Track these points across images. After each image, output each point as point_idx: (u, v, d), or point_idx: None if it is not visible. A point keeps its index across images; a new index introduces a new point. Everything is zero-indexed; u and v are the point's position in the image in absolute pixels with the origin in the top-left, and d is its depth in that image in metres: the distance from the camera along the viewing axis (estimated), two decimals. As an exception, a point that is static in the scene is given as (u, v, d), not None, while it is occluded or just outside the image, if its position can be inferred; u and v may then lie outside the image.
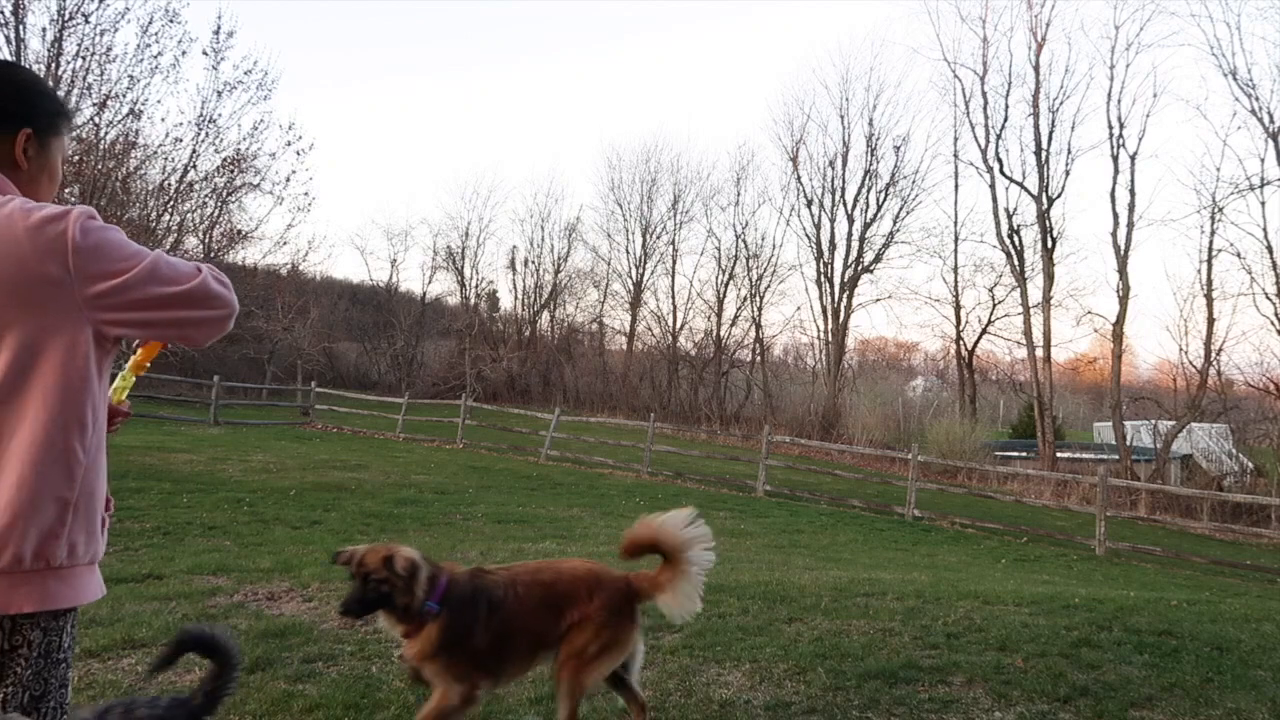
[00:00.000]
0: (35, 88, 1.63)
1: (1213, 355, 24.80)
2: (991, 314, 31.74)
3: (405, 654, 2.77)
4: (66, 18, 21.49)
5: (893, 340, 48.52)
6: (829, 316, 34.02)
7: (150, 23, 23.57)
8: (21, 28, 20.90)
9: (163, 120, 53.96)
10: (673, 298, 37.00)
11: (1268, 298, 23.86)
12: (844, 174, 34.46)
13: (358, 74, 77.10)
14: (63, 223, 1.45)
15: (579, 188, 79.90)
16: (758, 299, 35.44)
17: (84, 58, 22.03)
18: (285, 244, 31.53)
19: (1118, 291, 26.85)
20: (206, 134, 26.33)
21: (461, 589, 2.82)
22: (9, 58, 20.15)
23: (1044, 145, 28.59)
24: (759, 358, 36.05)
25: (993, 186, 30.12)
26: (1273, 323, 23.82)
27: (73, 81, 21.63)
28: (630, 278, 37.91)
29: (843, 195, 34.43)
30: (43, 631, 1.46)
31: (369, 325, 37.74)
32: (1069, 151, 28.70)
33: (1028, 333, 28.81)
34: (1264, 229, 24.24)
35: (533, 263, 38.62)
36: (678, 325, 36.73)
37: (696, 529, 3.19)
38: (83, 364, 1.48)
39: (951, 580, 7.45)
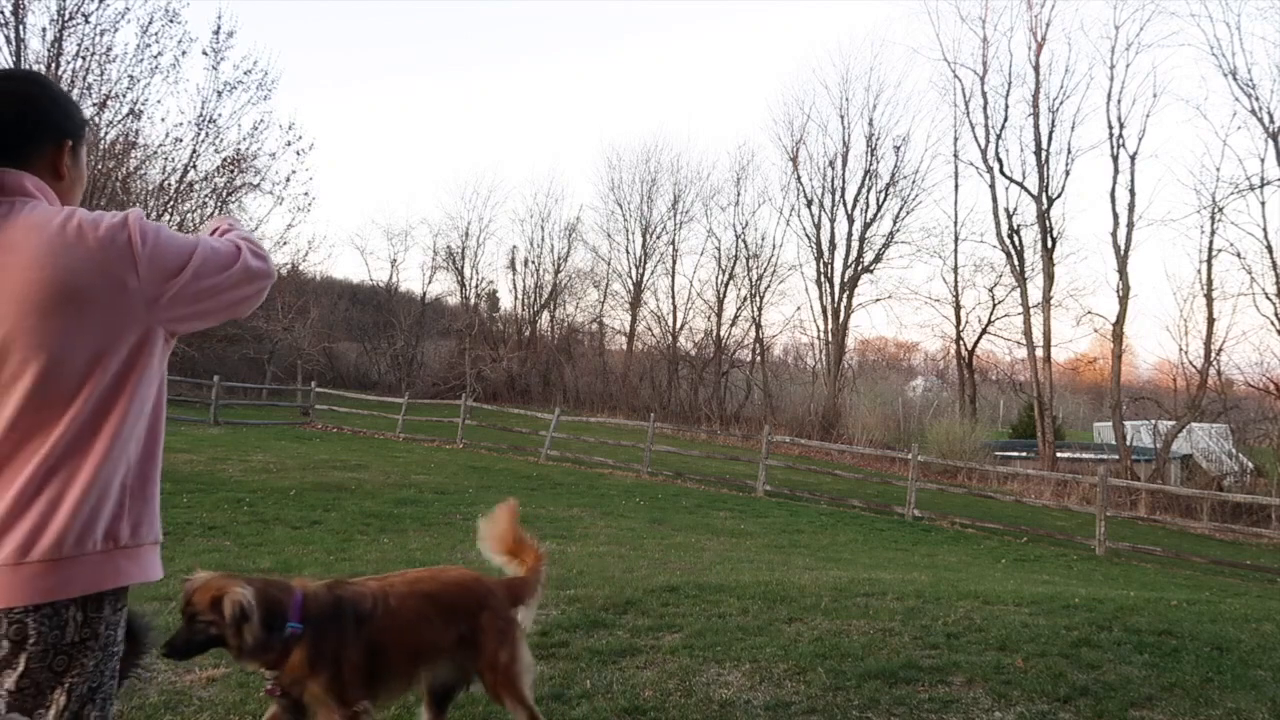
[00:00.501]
0: (69, 98, 1.67)
1: (1213, 355, 24.80)
2: (991, 314, 31.75)
3: (278, 684, 2.50)
4: (66, 18, 21.47)
5: (893, 340, 48.51)
6: (829, 316, 34.02)
7: (150, 23, 23.53)
8: (21, 28, 20.87)
9: (163, 120, 54.05)
10: (673, 298, 37.03)
11: (1268, 298, 23.87)
12: (844, 174, 34.47)
13: (358, 74, 77.15)
14: (126, 228, 1.51)
15: (579, 188, 80.00)
16: (758, 299, 35.45)
17: (84, 58, 22.01)
18: (285, 244, 31.41)
19: (1118, 291, 26.86)
20: (206, 134, 26.30)
21: (320, 603, 2.58)
22: (9, 58, 20.14)
23: (1044, 145, 28.60)
24: (759, 358, 36.04)
25: (993, 186, 30.12)
26: (1273, 323, 23.82)
27: (73, 81, 21.61)
28: (630, 278, 37.94)
29: (843, 195, 34.45)
30: (105, 625, 1.53)
31: (369, 325, 37.74)
32: (1069, 151, 28.69)
33: (1028, 333, 28.80)
34: (1264, 229, 24.24)
35: (533, 263, 38.65)
36: (678, 325, 36.75)
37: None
38: (152, 361, 1.56)
39: (951, 580, 7.45)
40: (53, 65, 21.24)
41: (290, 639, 2.47)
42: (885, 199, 34.01)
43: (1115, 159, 27.09)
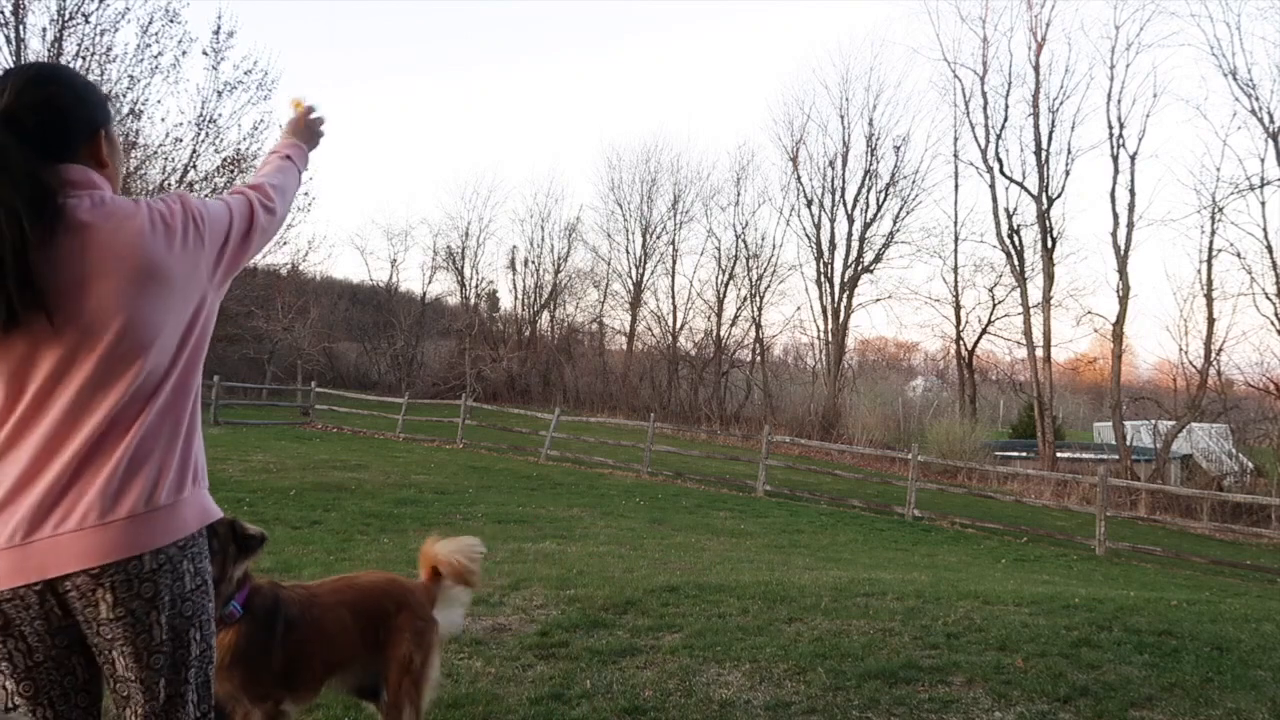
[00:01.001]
0: (89, 86, 1.70)
1: (1213, 355, 24.77)
2: (991, 314, 31.70)
3: None
4: (66, 18, 21.45)
5: (893, 340, 48.40)
6: (829, 316, 34.00)
7: (150, 23, 23.49)
8: (21, 28, 20.85)
9: (163, 120, 53.88)
10: (673, 298, 36.98)
11: (1268, 298, 23.84)
12: (844, 174, 34.42)
13: (358, 74, 77.08)
14: (189, 209, 1.65)
15: (579, 188, 79.99)
16: (758, 299, 35.42)
17: (84, 58, 21.98)
18: (285, 244, 31.29)
19: (1118, 291, 26.84)
20: (206, 134, 26.23)
21: (264, 598, 2.54)
22: (9, 58, 20.14)
23: (1044, 145, 28.55)
24: (759, 358, 36.02)
25: (993, 186, 30.07)
26: (1273, 323, 23.81)
27: (73, 81, 21.63)
28: (630, 278, 37.91)
29: (843, 195, 34.41)
30: (206, 567, 1.70)
31: (369, 325, 37.70)
32: (1069, 151, 28.61)
33: (1028, 333, 28.79)
34: (1264, 229, 24.19)
35: (533, 263, 38.61)
36: (678, 325, 36.72)
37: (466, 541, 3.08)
38: (209, 324, 1.71)
39: (951, 580, 7.45)
40: (53, 65, 21.23)
41: (227, 618, 2.40)
42: (885, 199, 34.01)
43: (1115, 159, 27.09)
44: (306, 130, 2.21)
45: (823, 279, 34.31)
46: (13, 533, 1.49)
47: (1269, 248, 23.93)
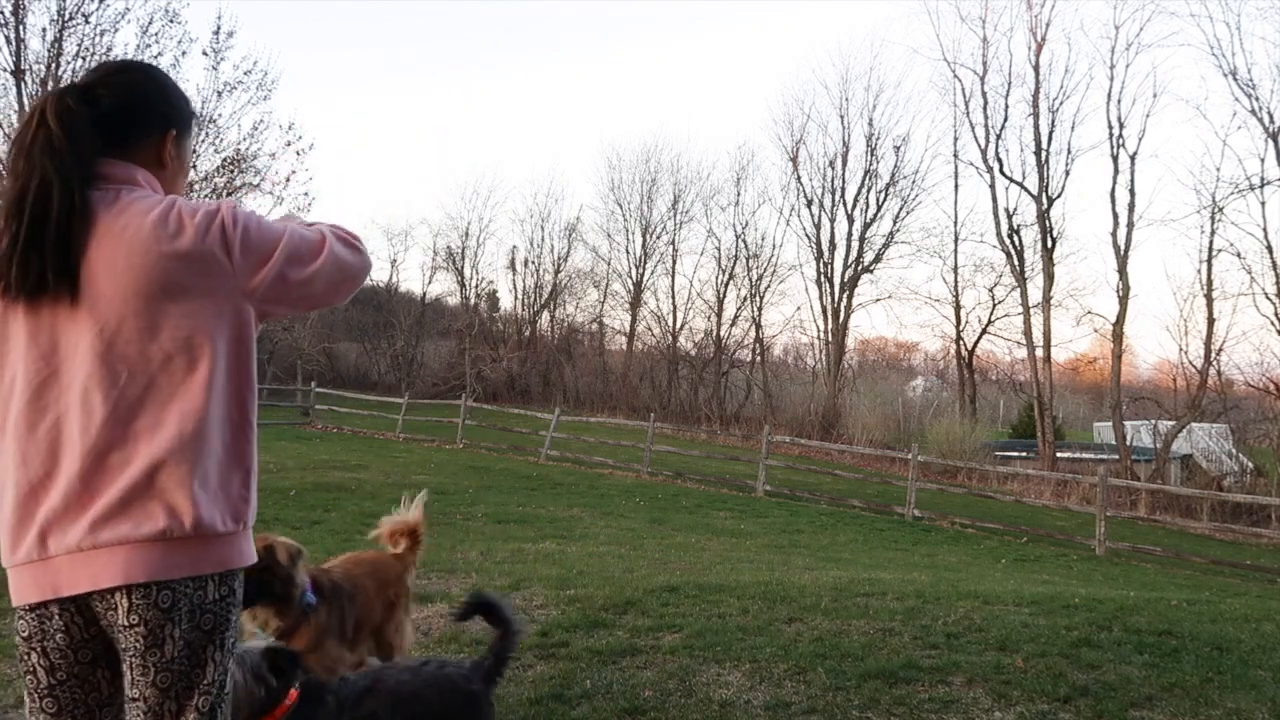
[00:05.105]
0: (176, 89, 1.70)
1: (1213, 355, 24.75)
2: (991, 314, 31.67)
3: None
4: (66, 18, 21.40)
5: (893, 340, 48.34)
6: (829, 316, 33.98)
7: (150, 23, 23.38)
8: (21, 28, 20.79)
9: (163, 120, 53.78)
10: (673, 298, 36.95)
11: (1268, 298, 23.82)
12: (844, 174, 34.36)
13: (358, 74, 76.99)
14: (219, 216, 1.55)
15: (579, 188, 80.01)
16: (758, 299, 35.40)
17: (84, 58, 21.94)
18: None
19: (1118, 291, 26.83)
20: (206, 134, 26.20)
21: (324, 582, 2.98)
22: (9, 58, 20.14)
23: (1044, 145, 28.52)
24: (759, 358, 36.00)
25: (993, 186, 30.04)
26: (1273, 323, 23.79)
27: (73, 82, 21.64)
28: (630, 278, 37.87)
29: (843, 195, 34.37)
30: (237, 582, 1.61)
31: (369, 325, 37.69)
32: (1069, 151, 28.56)
33: (1028, 333, 28.78)
34: (1264, 229, 24.16)
35: (533, 263, 38.58)
36: (678, 325, 36.69)
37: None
38: (250, 344, 1.61)
39: (951, 580, 7.45)
40: (53, 65, 21.22)
41: (307, 609, 2.80)
42: (885, 199, 33.96)
43: (1115, 159, 27.06)
44: None
45: (823, 279, 34.31)
46: (31, 547, 1.48)
47: (1269, 248, 23.93)
